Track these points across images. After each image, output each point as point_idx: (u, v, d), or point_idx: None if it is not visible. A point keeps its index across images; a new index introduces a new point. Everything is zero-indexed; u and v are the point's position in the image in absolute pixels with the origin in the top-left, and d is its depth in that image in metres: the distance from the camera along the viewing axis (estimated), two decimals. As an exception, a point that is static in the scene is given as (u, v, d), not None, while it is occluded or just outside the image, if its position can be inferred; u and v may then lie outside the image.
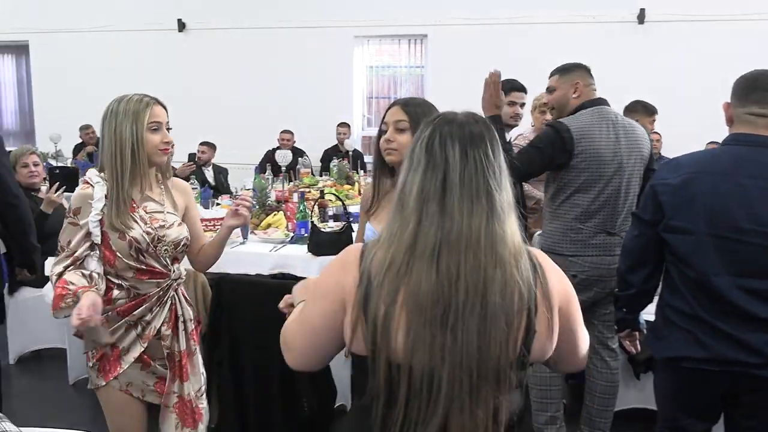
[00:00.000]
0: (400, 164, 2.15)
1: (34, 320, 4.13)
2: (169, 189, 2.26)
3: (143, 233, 2.09)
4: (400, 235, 1.23)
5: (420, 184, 1.24)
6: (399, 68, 8.46)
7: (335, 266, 1.32)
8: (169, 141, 2.14)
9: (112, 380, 2.14)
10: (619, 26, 7.41)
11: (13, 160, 4.19)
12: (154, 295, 2.15)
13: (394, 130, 2.14)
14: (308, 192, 4.96)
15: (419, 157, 1.27)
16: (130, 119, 2.08)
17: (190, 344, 2.27)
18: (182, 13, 8.65)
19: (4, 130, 9.92)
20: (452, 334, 1.17)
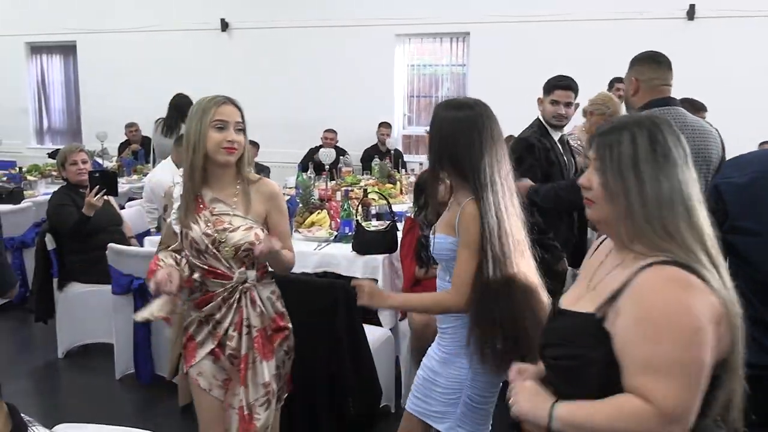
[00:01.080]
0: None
1: (82, 315, 4.19)
2: (247, 192, 2.23)
3: (202, 235, 2.15)
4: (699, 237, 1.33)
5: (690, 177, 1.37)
6: (440, 67, 8.39)
7: (682, 298, 1.25)
8: (232, 140, 2.13)
9: (190, 368, 2.28)
10: (667, 23, 7.21)
11: (62, 158, 4.27)
12: (220, 294, 2.22)
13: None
14: (351, 191, 4.94)
15: (678, 153, 1.36)
16: (198, 117, 2.13)
17: (253, 352, 2.26)
18: (225, 12, 8.72)
19: (52, 129, 10.16)
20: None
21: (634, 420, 1.24)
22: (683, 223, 1.30)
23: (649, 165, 1.32)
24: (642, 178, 1.32)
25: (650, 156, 1.32)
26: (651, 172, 1.32)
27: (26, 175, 6.51)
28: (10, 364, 4.22)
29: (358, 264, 3.70)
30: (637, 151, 1.33)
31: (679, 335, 1.22)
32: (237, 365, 2.26)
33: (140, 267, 3.65)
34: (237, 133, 2.16)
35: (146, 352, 3.73)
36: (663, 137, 1.34)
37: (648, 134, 1.34)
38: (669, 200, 1.31)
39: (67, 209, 4.12)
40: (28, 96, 9.95)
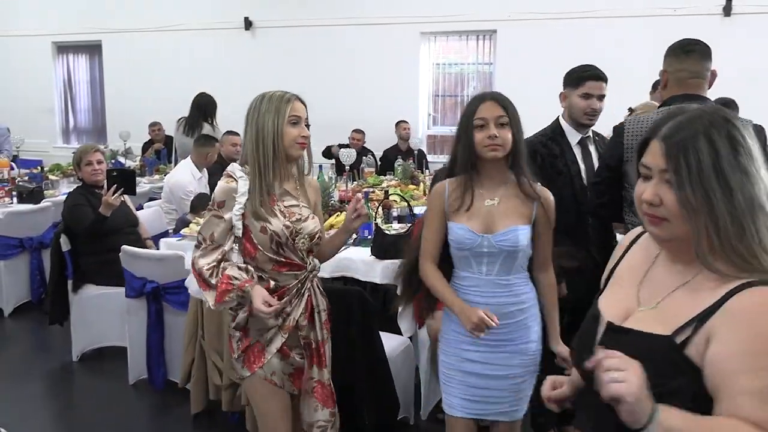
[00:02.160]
0: (497, 161, 2.16)
1: (97, 318, 4.12)
2: (304, 184, 2.33)
3: (283, 227, 2.17)
4: None
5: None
6: (466, 65, 8.22)
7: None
8: (306, 135, 2.22)
9: (258, 370, 2.24)
10: (703, 19, 6.94)
11: (77, 158, 4.20)
12: (293, 287, 2.23)
13: (497, 125, 2.13)
14: (372, 192, 4.81)
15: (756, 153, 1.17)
16: (273, 113, 2.16)
17: (323, 333, 2.33)
18: (249, 11, 8.66)
19: (78, 128, 10.20)
20: None
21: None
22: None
23: (737, 172, 1.14)
24: (730, 188, 1.14)
25: (734, 161, 1.14)
26: (739, 179, 1.14)
27: (48, 174, 6.49)
28: (26, 366, 4.17)
29: (377, 269, 3.56)
30: (719, 157, 1.14)
31: None
32: (309, 350, 2.29)
33: (154, 270, 3.57)
34: (306, 128, 2.25)
35: (159, 357, 3.64)
36: (741, 134, 1.16)
37: (727, 134, 1.16)
38: (761, 208, 1.15)
39: (83, 209, 4.06)
40: (55, 95, 10.01)
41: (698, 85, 2.51)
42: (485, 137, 2.11)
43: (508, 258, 2.19)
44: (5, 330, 4.80)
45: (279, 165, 2.20)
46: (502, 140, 2.12)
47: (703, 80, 2.52)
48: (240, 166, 2.22)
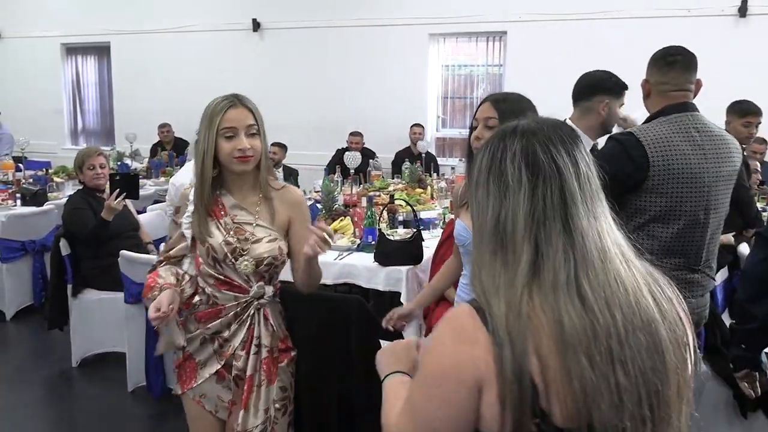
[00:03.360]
0: None
1: (97, 323, 4.06)
2: (269, 199, 2.08)
3: (222, 243, 2.00)
4: (510, 275, 1.01)
5: (529, 205, 1.02)
6: (476, 67, 8.11)
7: (446, 339, 1.04)
8: (243, 148, 1.95)
9: (188, 390, 2.10)
10: (718, 20, 6.82)
11: (79, 161, 4.15)
12: (231, 309, 2.05)
13: (484, 127, 2.09)
14: (377, 196, 4.72)
15: (515, 175, 1.03)
16: (206, 124, 1.98)
17: (258, 373, 2.08)
18: (257, 12, 8.60)
19: (86, 130, 10.19)
20: (621, 366, 0.97)
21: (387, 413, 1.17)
22: (490, 261, 1.04)
23: (482, 187, 1.08)
24: (475, 202, 1.09)
25: (484, 178, 1.08)
26: (483, 196, 1.08)
27: (52, 176, 6.45)
28: (25, 371, 4.12)
29: (380, 276, 3.48)
30: (478, 172, 1.10)
31: (423, 370, 1.10)
32: (241, 387, 2.08)
33: (152, 275, 3.50)
34: (250, 138, 1.98)
35: (157, 364, 3.58)
36: (503, 153, 1.06)
37: (491, 150, 1.08)
38: (492, 230, 1.05)
39: (83, 213, 4.00)
40: (63, 97, 10.00)
41: (684, 97, 2.39)
42: (474, 138, 2.11)
43: None
44: (6, 334, 4.75)
45: (225, 176, 2.04)
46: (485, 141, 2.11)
47: (688, 92, 2.40)
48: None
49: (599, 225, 1.03)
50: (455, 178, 5.90)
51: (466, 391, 0.99)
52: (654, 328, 0.99)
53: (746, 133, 4.38)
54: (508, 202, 1.03)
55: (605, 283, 0.99)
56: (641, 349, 0.98)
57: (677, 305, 1.06)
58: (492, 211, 1.04)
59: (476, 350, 0.98)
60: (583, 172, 1.04)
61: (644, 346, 0.98)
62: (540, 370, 0.95)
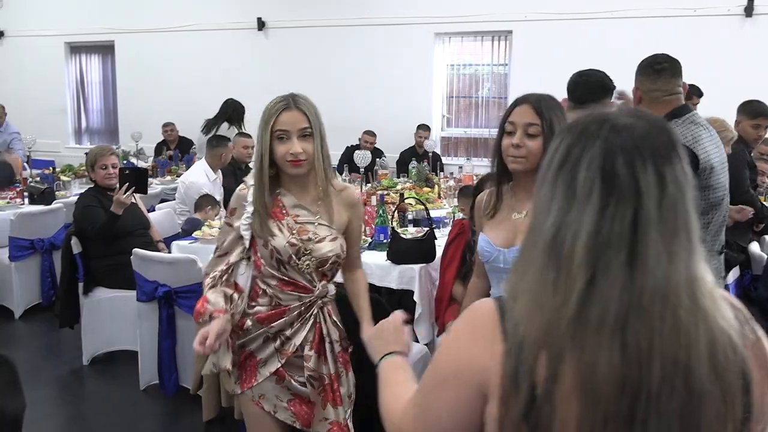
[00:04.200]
0: (528, 172, 1.90)
1: (108, 321, 4.06)
2: (329, 199, 2.06)
3: (286, 244, 1.99)
4: (561, 298, 0.88)
5: (594, 226, 0.87)
6: (481, 66, 8.11)
7: (461, 333, 0.98)
8: (295, 152, 1.94)
9: (247, 390, 2.09)
10: (723, 20, 6.82)
11: (92, 160, 4.14)
12: (295, 309, 2.04)
13: (524, 135, 1.87)
14: (387, 195, 4.73)
15: (586, 186, 0.89)
16: (262, 125, 1.98)
17: (338, 366, 2.13)
18: (262, 12, 8.59)
19: (90, 129, 10.18)
20: (642, 428, 0.84)
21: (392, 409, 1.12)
22: (539, 274, 0.92)
23: (549, 186, 0.94)
24: (538, 199, 0.96)
25: (554, 176, 0.94)
26: (547, 195, 0.95)
27: (60, 175, 6.46)
28: (36, 370, 4.12)
29: (393, 274, 3.49)
30: (548, 164, 0.96)
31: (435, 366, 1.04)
32: (320, 387, 2.09)
33: (165, 274, 3.51)
34: (302, 140, 1.96)
35: (171, 362, 3.58)
36: (582, 153, 0.91)
37: (568, 144, 0.94)
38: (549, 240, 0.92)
39: (95, 210, 4.00)
40: (67, 96, 9.98)
41: (678, 101, 2.53)
42: (509, 145, 1.89)
43: None
44: (16, 332, 4.76)
45: (283, 177, 2.03)
46: (527, 151, 1.87)
47: (679, 95, 2.54)
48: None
49: (672, 265, 0.87)
50: (462, 178, 5.91)
51: (472, 394, 0.94)
52: (697, 400, 0.85)
53: (755, 135, 4.40)
54: (572, 216, 0.89)
55: (656, 332, 0.85)
56: (672, 416, 0.85)
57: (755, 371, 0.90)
58: (553, 219, 0.91)
59: (486, 355, 0.92)
60: (670, 197, 0.88)
61: (677, 414, 0.85)
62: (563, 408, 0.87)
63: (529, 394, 0.87)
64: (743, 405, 0.88)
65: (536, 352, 0.88)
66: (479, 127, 8.16)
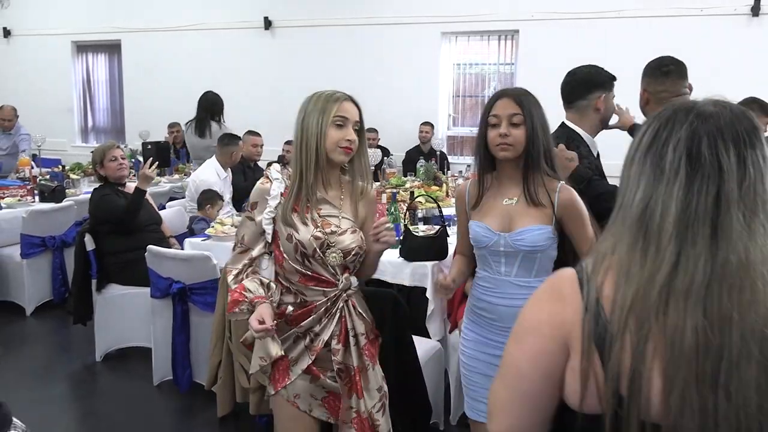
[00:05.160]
0: (512, 161, 2.10)
1: (121, 318, 4.09)
2: (355, 195, 2.14)
3: (311, 237, 2.01)
4: (651, 268, 0.96)
5: (683, 202, 0.96)
6: (487, 66, 8.13)
7: (543, 296, 1.07)
8: (351, 139, 2.02)
9: (281, 390, 2.10)
10: (730, 19, 6.84)
11: (99, 156, 4.17)
12: (321, 305, 2.05)
13: (509, 125, 2.06)
14: (398, 193, 4.75)
15: (674, 164, 0.98)
16: (318, 113, 2.01)
17: (363, 359, 2.14)
18: (269, 11, 8.61)
19: (97, 128, 10.21)
20: (725, 392, 0.91)
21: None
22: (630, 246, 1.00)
23: (637, 165, 1.03)
24: (628, 177, 1.05)
25: (642, 156, 1.03)
26: (635, 174, 1.03)
27: (69, 173, 6.49)
28: (49, 366, 4.15)
29: (406, 271, 3.51)
30: (638, 145, 1.05)
31: (517, 325, 1.10)
32: (347, 378, 2.12)
33: (180, 270, 3.53)
34: (354, 132, 2.05)
35: (184, 358, 3.60)
36: (669, 135, 1.00)
37: (656, 128, 1.03)
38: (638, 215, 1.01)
39: (113, 198, 4.07)
40: (74, 95, 10.01)
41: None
42: (497, 135, 2.07)
43: (527, 259, 2.12)
44: (28, 329, 4.78)
45: (320, 169, 2.04)
46: (513, 140, 2.06)
47: (683, 97, 2.58)
48: (279, 167, 2.12)
49: (752, 240, 0.94)
50: (470, 176, 5.92)
51: (556, 347, 1.02)
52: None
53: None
54: (660, 191, 0.98)
55: (737, 302, 0.93)
56: (752, 383, 0.91)
57: None
58: (642, 194, 1.00)
59: (568, 312, 1.01)
60: (750, 177, 0.96)
61: (756, 383, 0.91)
62: (649, 367, 0.94)
63: (618, 354, 0.95)
64: None
65: (626, 317, 0.95)
66: (485, 127, 8.16)
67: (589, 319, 0.99)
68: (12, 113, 7.18)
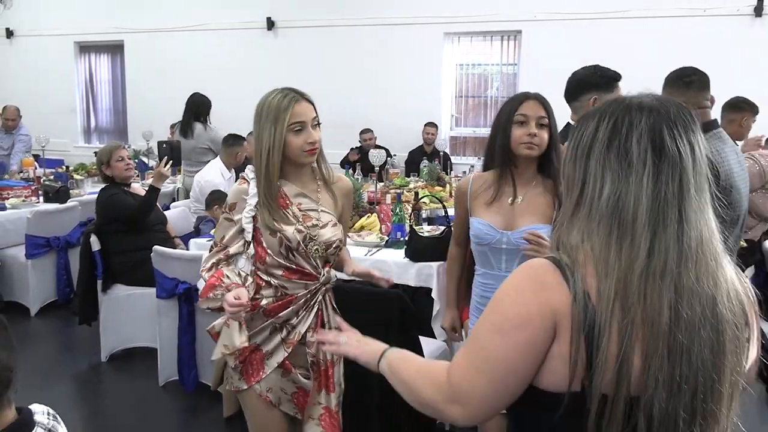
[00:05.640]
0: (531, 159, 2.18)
1: (126, 318, 4.10)
2: (329, 186, 2.17)
3: (295, 231, 2.03)
4: (629, 257, 1.03)
5: (653, 191, 1.04)
6: (490, 66, 8.14)
7: (525, 286, 1.08)
8: (314, 141, 2.02)
9: (255, 384, 2.10)
10: (733, 20, 6.84)
11: (106, 156, 4.16)
12: (301, 297, 2.08)
13: (538, 126, 2.15)
14: (402, 194, 4.76)
15: (641, 157, 1.04)
16: (271, 122, 1.98)
17: (333, 354, 2.14)
18: (271, 11, 8.63)
19: (99, 128, 10.23)
20: (687, 357, 1.02)
21: (429, 383, 1.17)
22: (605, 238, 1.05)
23: (597, 159, 1.08)
24: (587, 173, 1.09)
25: (604, 150, 1.07)
26: (598, 169, 1.08)
27: (73, 173, 6.50)
28: (54, 366, 4.15)
29: (411, 271, 3.51)
30: (593, 141, 1.09)
31: (497, 319, 1.10)
32: (317, 372, 2.14)
33: (185, 270, 3.54)
34: (315, 129, 2.04)
35: (190, 359, 3.61)
36: (629, 130, 1.06)
37: (613, 123, 1.07)
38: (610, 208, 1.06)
39: (122, 197, 4.08)
40: (77, 95, 10.02)
41: (707, 115, 2.53)
42: (524, 134, 2.15)
43: (527, 257, 2.11)
44: (33, 329, 4.79)
45: (285, 168, 2.05)
46: (540, 140, 2.15)
47: (708, 109, 2.55)
48: (254, 168, 2.11)
49: (704, 217, 1.05)
50: (473, 175, 5.93)
51: (545, 336, 1.05)
52: (722, 328, 1.03)
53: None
54: (630, 184, 1.04)
55: (696, 277, 1.03)
56: (707, 344, 1.02)
57: (748, 307, 1.10)
58: (610, 188, 1.05)
59: (556, 300, 1.04)
60: (698, 160, 1.06)
61: (710, 343, 1.02)
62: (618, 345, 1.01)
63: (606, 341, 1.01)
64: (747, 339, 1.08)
65: (612, 306, 1.01)
66: (488, 127, 8.16)
67: (578, 310, 1.03)
68: (15, 113, 7.20)
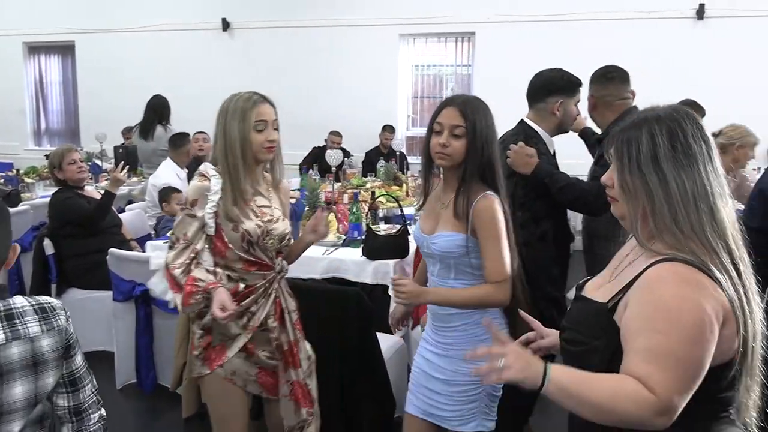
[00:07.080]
0: (451, 168, 2.12)
1: (81, 322, 3.97)
2: (277, 186, 2.36)
3: (255, 226, 2.19)
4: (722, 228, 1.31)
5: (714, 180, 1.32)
6: (445, 67, 8.26)
7: (689, 293, 1.24)
8: (273, 140, 2.19)
9: (217, 368, 2.24)
10: (676, 22, 7.10)
11: (58, 159, 4.11)
12: (260, 287, 2.24)
13: (450, 135, 2.07)
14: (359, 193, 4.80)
15: (701, 148, 1.32)
16: (238, 120, 2.15)
17: (296, 333, 2.36)
18: (226, 12, 8.59)
19: (50, 130, 10.01)
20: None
21: (631, 402, 1.22)
22: (707, 221, 1.28)
23: (670, 162, 1.29)
24: (664, 176, 1.29)
25: (670, 153, 1.29)
26: (673, 170, 1.29)
27: (24, 177, 6.37)
28: (7, 372, 4.08)
29: (368, 270, 3.57)
30: (656, 148, 1.30)
31: (686, 331, 1.22)
32: (281, 352, 2.31)
33: (142, 273, 3.53)
34: (274, 130, 2.21)
35: (148, 360, 3.60)
36: (683, 132, 1.31)
37: (668, 130, 1.31)
38: (692, 198, 1.29)
39: (77, 200, 4.03)
40: (26, 96, 9.79)
41: (627, 105, 2.84)
42: (437, 143, 2.07)
43: (443, 261, 2.17)
44: (-16, 336, 4.68)
45: (249, 168, 2.20)
46: (452, 150, 2.05)
47: (627, 100, 2.86)
48: (212, 165, 2.22)
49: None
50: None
51: (718, 329, 1.23)
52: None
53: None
54: (698, 173, 1.29)
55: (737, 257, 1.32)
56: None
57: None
58: (689, 181, 1.29)
59: (721, 298, 1.24)
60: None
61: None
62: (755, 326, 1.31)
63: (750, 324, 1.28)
64: None
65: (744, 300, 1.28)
66: (444, 127, 8.28)
67: (731, 297, 1.25)
68: None
